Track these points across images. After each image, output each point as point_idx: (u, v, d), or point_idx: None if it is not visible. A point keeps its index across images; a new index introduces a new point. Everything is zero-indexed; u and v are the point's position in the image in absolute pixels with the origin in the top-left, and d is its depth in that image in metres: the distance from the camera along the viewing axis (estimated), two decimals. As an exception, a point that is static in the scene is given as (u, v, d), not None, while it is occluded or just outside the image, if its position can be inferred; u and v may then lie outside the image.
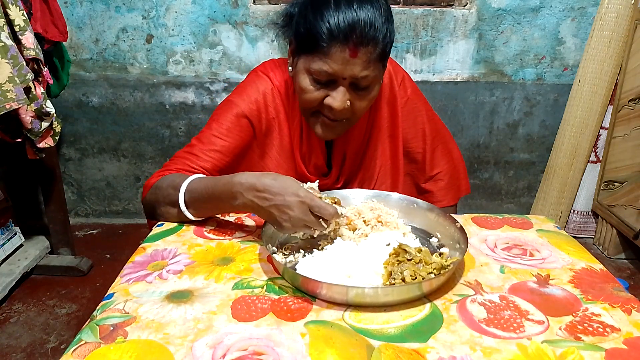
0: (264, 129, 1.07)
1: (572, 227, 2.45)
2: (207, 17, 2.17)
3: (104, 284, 1.99)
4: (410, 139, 1.16)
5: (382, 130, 1.13)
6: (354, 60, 0.87)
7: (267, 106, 1.05)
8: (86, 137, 2.38)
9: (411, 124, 1.15)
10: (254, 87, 1.05)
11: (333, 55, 0.87)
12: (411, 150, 1.17)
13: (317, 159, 1.11)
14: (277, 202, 0.79)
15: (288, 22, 0.96)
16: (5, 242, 1.98)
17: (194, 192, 0.90)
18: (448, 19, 2.18)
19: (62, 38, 1.74)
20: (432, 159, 1.19)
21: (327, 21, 0.85)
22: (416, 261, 0.74)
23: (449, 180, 1.21)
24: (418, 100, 1.15)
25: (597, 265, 0.83)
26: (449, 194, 1.22)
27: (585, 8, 2.17)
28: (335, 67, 0.87)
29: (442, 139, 1.21)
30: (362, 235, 0.88)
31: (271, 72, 1.07)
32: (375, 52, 0.88)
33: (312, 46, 0.88)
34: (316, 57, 0.88)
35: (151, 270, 0.79)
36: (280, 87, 1.06)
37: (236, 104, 1.04)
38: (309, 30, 0.88)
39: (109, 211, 2.55)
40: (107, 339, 0.62)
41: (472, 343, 0.62)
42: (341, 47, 0.86)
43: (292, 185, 0.79)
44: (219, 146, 1.02)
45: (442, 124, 1.23)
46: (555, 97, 2.33)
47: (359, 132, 1.11)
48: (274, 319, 0.66)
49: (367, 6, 0.86)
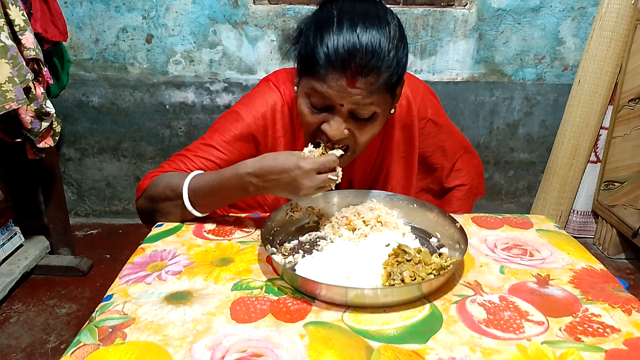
0: (269, 147, 1.02)
1: (572, 227, 2.45)
2: (207, 17, 2.17)
3: (104, 284, 1.99)
4: (429, 155, 1.12)
5: (395, 154, 1.08)
6: (352, 90, 0.81)
7: (275, 123, 1.00)
8: (86, 137, 2.38)
9: (430, 143, 1.11)
10: (263, 100, 1.00)
11: (330, 82, 0.81)
12: (430, 162, 1.14)
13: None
14: (285, 180, 0.82)
15: (298, 39, 0.90)
16: (5, 242, 1.98)
17: (198, 191, 0.89)
18: (448, 19, 2.18)
19: (62, 38, 1.74)
20: (451, 172, 1.17)
21: (326, 45, 0.79)
22: (416, 262, 0.74)
23: (467, 190, 1.19)
24: (439, 119, 1.10)
25: (597, 265, 0.83)
26: (466, 204, 1.20)
27: (585, 8, 2.17)
28: (331, 93, 0.82)
29: (463, 151, 1.18)
30: (362, 235, 0.88)
31: (283, 85, 1.01)
32: (377, 82, 0.81)
33: (310, 69, 0.83)
34: (314, 81, 0.83)
35: (150, 271, 0.78)
36: (290, 104, 1.01)
37: (242, 117, 0.99)
38: (308, 53, 0.83)
39: (109, 211, 2.55)
40: (106, 341, 0.62)
41: (472, 344, 0.62)
42: (338, 75, 0.80)
43: (292, 160, 0.82)
44: (216, 157, 0.99)
45: (461, 135, 1.19)
46: (555, 97, 2.33)
47: (369, 158, 1.08)
48: (273, 320, 0.66)
49: (371, 31, 0.79)
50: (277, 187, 0.84)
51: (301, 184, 0.82)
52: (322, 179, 0.82)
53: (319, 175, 0.82)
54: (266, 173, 0.83)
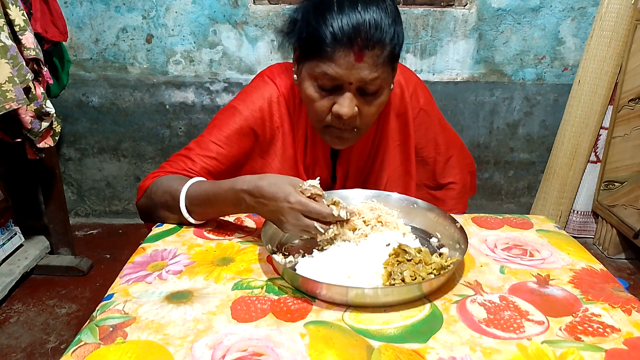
0: (268, 138, 1.04)
1: (572, 227, 2.45)
2: (207, 17, 2.17)
3: (104, 284, 1.99)
4: (422, 148, 1.13)
5: (390, 141, 1.10)
6: (360, 64, 0.83)
7: (272, 114, 1.02)
8: (86, 137, 2.38)
9: (423, 134, 1.12)
10: (259, 94, 1.02)
11: (337, 60, 0.83)
12: (422, 156, 1.15)
13: (321, 172, 1.08)
14: (272, 208, 0.80)
15: (292, 28, 0.93)
16: (5, 242, 1.98)
17: (195, 199, 0.89)
18: (448, 19, 2.18)
19: (62, 38, 1.74)
20: (444, 167, 1.17)
21: (330, 25, 0.82)
22: (416, 261, 0.74)
23: (460, 189, 1.20)
24: (431, 109, 1.12)
25: (597, 265, 0.83)
26: (460, 203, 1.20)
27: (585, 8, 2.17)
28: (340, 71, 0.84)
29: (455, 148, 1.19)
30: (362, 235, 0.88)
31: (278, 77, 1.03)
32: (382, 55, 0.84)
33: (315, 51, 0.85)
34: (320, 62, 0.85)
35: (151, 270, 0.78)
36: (286, 95, 1.02)
37: (240, 112, 1.01)
38: (312, 35, 0.85)
39: (109, 211, 2.55)
40: (107, 340, 0.62)
41: (472, 343, 0.62)
42: (345, 51, 0.82)
43: (285, 190, 0.78)
44: (216, 153, 0.99)
45: (453, 132, 1.21)
46: (555, 97, 2.33)
47: (365, 145, 1.08)
48: (273, 319, 0.66)
49: (372, 7, 0.82)
50: (264, 212, 0.82)
51: (285, 219, 0.79)
52: (307, 224, 0.78)
53: (304, 219, 0.78)
54: (259, 195, 0.81)
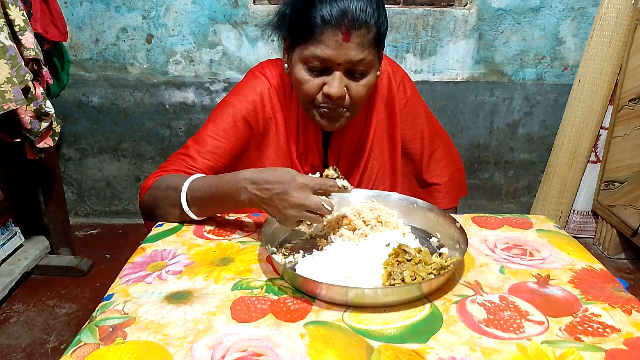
0: (262, 129, 1.07)
1: (572, 227, 2.45)
2: (207, 17, 2.17)
3: (104, 284, 1.99)
4: (409, 140, 1.16)
5: (380, 131, 1.13)
6: (348, 44, 0.88)
7: (264, 106, 1.05)
8: (86, 137, 2.38)
9: (410, 126, 1.15)
10: (250, 87, 1.06)
11: (326, 41, 0.88)
12: (409, 151, 1.18)
13: (314, 159, 1.11)
14: (277, 191, 0.80)
15: (281, 21, 0.98)
16: (5, 242, 1.98)
17: (196, 192, 0.90)
18: (448, 19, 2.18)
19: (62, 38, 1.74)
20: (430, 161, 1.19)
21: (319, 9, 0.87)
22: (416, 261, 0.74)
23: (448, 182, 1.21)
24: (417, 102, 1.15)
25: (597, 265, 0.83)
26: (448, 196, 1.22)
27: (585, 8, 2.17)
28: (328, 52, 0.89)
29: (441, 141, 1.21)
30: (362, 235, 0.88)
31: (268, 71, 1.07)
32: (368, 35, 0.89)
33: (305, 35, 0.90)
34: (309, 45, 0.90)
35: (150, 270, 0.78)
36: (277, 87, 1.06)
37: (233, 105, 1.04)
38: (301, 20, 0.90)
39: (109, 211, 2.55)
40: (107, 340, 0.62)
41: (472, 344, 0.62)
42: (334, 32, 0.87)
43: (290, 172, 0.81)
44: (215, 147, 1.01)
45: (440, 126, 1.23)
46: (555, 97, 2.33)
47: (355, 131, 1.11)
48: (273, 319, 0.66)
49: None
50: (267, 200, 0.82)
51: (292, 197, 0.79)
52: (315, 201, 0.79)
53: (312, 196, 0.79)
54: (262, 182, 0.82)
